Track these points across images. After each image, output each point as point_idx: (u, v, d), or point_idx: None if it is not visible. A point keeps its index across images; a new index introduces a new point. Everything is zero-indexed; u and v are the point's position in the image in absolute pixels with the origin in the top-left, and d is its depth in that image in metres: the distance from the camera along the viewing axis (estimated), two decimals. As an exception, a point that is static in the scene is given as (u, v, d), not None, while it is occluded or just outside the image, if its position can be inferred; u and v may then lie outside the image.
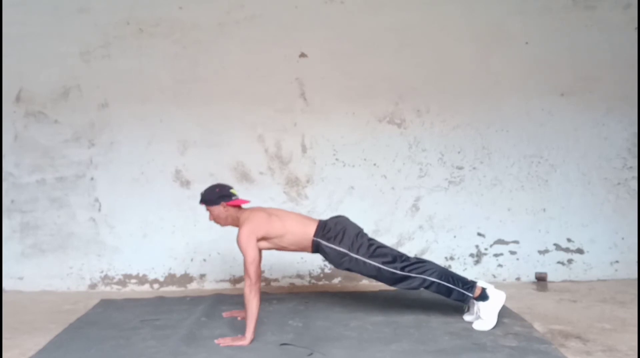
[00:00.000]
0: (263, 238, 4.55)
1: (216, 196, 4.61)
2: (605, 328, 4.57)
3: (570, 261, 6.11)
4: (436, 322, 4.61)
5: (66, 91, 6.03)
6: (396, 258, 4.60)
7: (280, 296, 5.58)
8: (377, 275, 4.62)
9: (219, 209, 4.61)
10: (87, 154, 6.06)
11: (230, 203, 4.59)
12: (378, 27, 6.07)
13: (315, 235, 4.60)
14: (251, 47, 6.04)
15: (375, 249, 4.61)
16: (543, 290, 5.82)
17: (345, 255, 4.55)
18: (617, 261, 6.10)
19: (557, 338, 4.33)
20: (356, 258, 4.55)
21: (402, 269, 4.55)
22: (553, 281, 6.05)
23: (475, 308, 4.59)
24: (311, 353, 4.03)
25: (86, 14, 6.00)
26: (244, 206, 4.70)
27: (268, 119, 6.08)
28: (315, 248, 4.63)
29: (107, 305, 5.41)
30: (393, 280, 4.59)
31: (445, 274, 4.60)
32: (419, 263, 4.61)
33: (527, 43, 6.06)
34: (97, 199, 6.08)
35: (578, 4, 6.03)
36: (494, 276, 6.13)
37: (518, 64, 6.07)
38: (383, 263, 4.55)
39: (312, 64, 6.07)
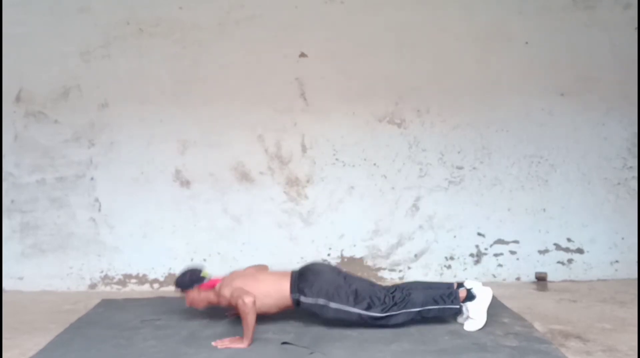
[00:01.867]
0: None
1: (188, 282, 4.66)
2: (605, 328, 4.57)
3: (570, 261, 6.12)
4: (436, 322, 4.59)
5: (66, 91, 6.02)
6: (375, 299, 4.51)
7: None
8: (360, 322, 4.51)
9: (194, 293, 4.64)
10: (87, 154, 6.06)
11: (203, 286, 4.64)
12: (378, 27, 6.07)
13: (291, 290, 4.54)
14: (251, 47, 6.03)
15: (354, 294, 4.52)
16: (543, 289, 5.83)
17: (324, 306, 4.49)
18: (617, 261, 6.11)
19: (557, 338, 4.33)
20: (336, 308, 4.48)
21: (382, 310, 4.47)
22: (553, 281, 6.06)
23: (464, 309, 4.56)
24: (312, 353, 4.03)
25: (86, 14, 6.00)
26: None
27: (268, 119, 6.08)
28: (296, 303, 4.57)
29: (107, 305, 5.40)
30: (376, 323, 4.50)
31: (428, 296, 4.53)
32: (400, 297, 4.53)
33: (527, 43, 6.07)
34: (97, 199, 6.08)
35: (578, 4, 6.04)
36: (494, 276, 6.13)
37: (518, 64, 6.08)
38: (364, 309, 4.47)
39: (312, 64, 6.07)
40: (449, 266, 6.15)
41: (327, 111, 6.09)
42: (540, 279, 6.07)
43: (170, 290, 5.95)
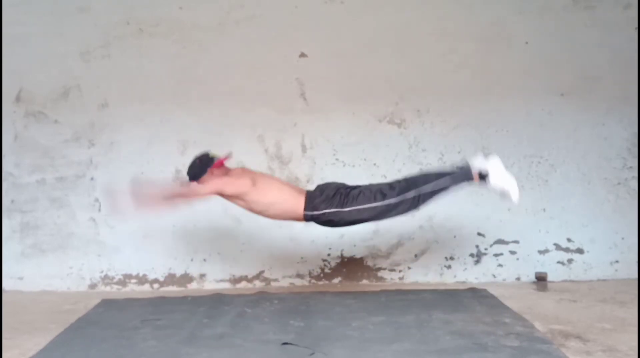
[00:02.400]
0: (236, 197, 4.56)
1: (199, 168, 4.60)
2: (605, 328, 4.57)
3: (570, 261, 6.12)
4: (437, 322, 4.60)
5: (66, 91, 6.03)
6: (385, 190, 4.50)
7: (282, 295, 5.57)
8: (378, 215, 4.52)
9: (207, 178, 4.58)
10: (87, 154, 6.06)
11: (215, 165, 4.59)
12: (378, 27, 6.08)
13: (305, 208, 4.53)
14: (251, 47, 6.04)
15: (362, 193, 4.51)
16: (543, 289, 5.83)
17: (339, 212, 4.48)
18: (617, 261, 6.12)
19: (557, 338, 4.32)
20: (349, 211, 4.49)
21: (397, 195, 4.45)
22: (553, 281, 6.06)
23: (492, 189, 4.51)
24: (313, 353, 4.02)
25: (86, 14, 6.01)
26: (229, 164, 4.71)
27: (268, 119, 6.08)
28: (309, 219, 4.57)
29: (108, 304, 5.39)
30: (392, 211, 4.49)
31: (438, 173, 4.56)
32: (410, 179, 4.55)
33: (527, 43, 6.07)
34: (97, 199, 6.08)
35: (578, 4, 6.04)
36: (494, 276, 6.14)
37: (518, 64, 6.08)
38: (376, 200, 4.47)
39: (312, 64, 6.08)
40: (449, 266, 6.16)
41: (327, 111, 6.10)
42: (540, 279, 6.08)
43: (171, 290, 6.01)
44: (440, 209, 6.12)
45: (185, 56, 6.06)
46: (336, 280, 6.17)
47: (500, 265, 6.15)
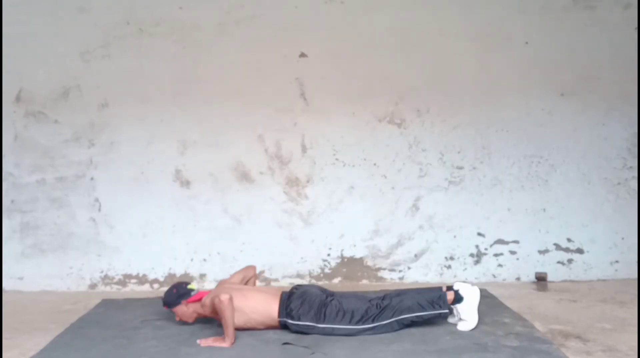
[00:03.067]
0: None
1: (175, 297, 4.63)
2: (605, 328, 4.57)
3: (570, 261, 6.12)
4: (437, 322, 4.59)
5: (66, 91, 6.03)
6: (362, 312, 4.45)
7: (282, 296, 5.56)
8: (353, 334, 4.43)
9: (182, 308, 4.63)
10: (87, 154, 6.06)
11: (190, 299, 4.62)
12: (378, 27, 6.07)
13: (279, 315, 4.50)
14: (251, 47, 6.03)
15: (342, 311, 4.46)
16: (543, 290, 5.83)
17: (313, 327, 4.44)
18: (617, 261, 6.11)
19: (557, 338, 4.33)
20: (323, 328, 4.43)
21: (372, 321, 4.42)
22: (553, 281, 6.06)
23: (455, 311, 4.53)
24: (313, 353, 4.03)
25: (86, 14, 6.00)
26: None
27: (268, 119, 6.08)
28: (283, 326, 4.52)
29: (108, 304, 5.40)
30: (367, 334, 4.43)
31: (416, 303, 4.48)
32: (389, 305, 4.48)
33: (527, 43, 6.07)
34: (97, 199, 6.08)
35: (578, 4, 6.04)
36: (494, 276, 6.14)
37: (518, 64, 6.08)
38: (353, 324, 4.42)
39: (312, 64, 6.07)
40: (449, 266, 6.16)
41: (327, 111, 6.09)
42: (540, 279, 6.08)
43: (171, 290, 5.98)
44: (440, 210, 6.14)
45: (185, 56, 6.05)
46: (336, 280, 6.17)
47: (500, 265, 6.15)
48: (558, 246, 6.12)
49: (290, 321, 4.47)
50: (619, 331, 4.50)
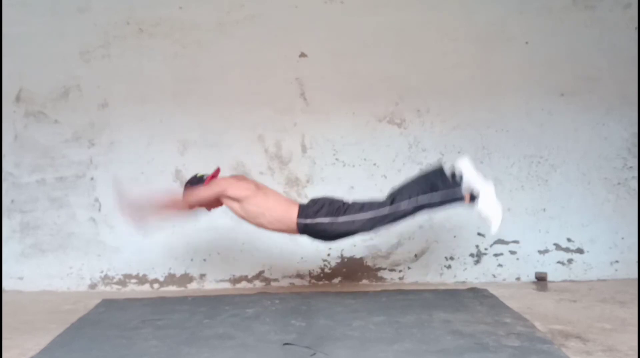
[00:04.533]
0: (236, 200, 4.60)
1: (196, 180, 4.71)
2: (605, 328, 4.57)
3: (570, 261, 6.12)
4: (438, 322, 4.60)
5: (66, 91, 6.03)
6: (378, 200, 4.57)
7: (283, 296, 5.56)
8: (371, 225, 4.55)
9: (204, 189, 4.65)
10: (87, 154, 6.06)
11: (206, 183, 4.66)
12: (378, 27, 6.07)
13: (299, 216, 4.56)
14: (251, 47, 6.03)
15: (357, 204, 4.57)
16: (543, 289, 5.83)
17: (332, 222, 4.50)
18: (617, 261, 6.12)
19: (557, 338, 4.32)
20: (343, 221, 4.49)
21: (390, 205, 4.49)
22: (553, 281, 6.06)
23: (477, 210, 4.55)
24: (314, 353, 4.02)
25: (86, 14, 6.00)
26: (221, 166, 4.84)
27: (268, 119, 6.08)
28: (302, 229, 4.59)
29: (108, 304, 5.39)
30: (385, 221, 4.53)
31: (427, 184, 4.53)
32: (403, 190, 4.57)
33: (527, 43, 6.07)
34: (97, 199, 6.08)
35: (578, 4, 6.04)
36: (494, 276, 6.14)
37: (518, 64, 6.08)
38: (370, 210, 4.50)
39: (312, 64, 6.08)
40: (449, 266, 6.16)
41: (327, 111, 6.09)
42: (540, 279, 6.08)
43: (171, 290, 6.01)
44: (440, 209, 6.15)
45: (185, 56, 6.05)
46: (336, 280, 6.17)
47: (500, 265, 6.15)
48: (558, 246, 6.13)
49: (309, 221, 4.53)
50: (619, 331, 4.50)
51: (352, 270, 6.16)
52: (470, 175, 4.52)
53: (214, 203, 4.73)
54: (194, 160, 6.05)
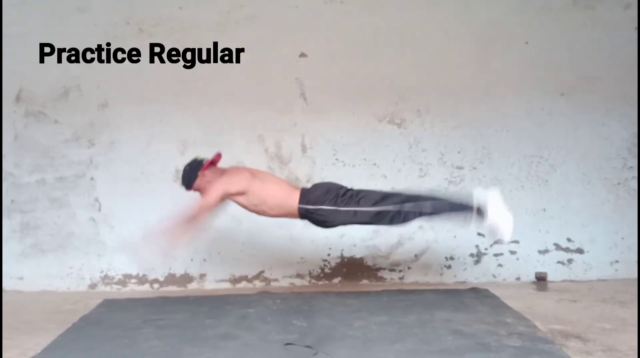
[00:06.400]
0: (240, 193, 4.61)
1: (191, 173, 4.67)
2: (605, 328, 4.57)
3: (570, 261, 6.13)
4: (440, 322, 4.59)
5: (66, 91, 6.02)
6: (384, 196, 4.56)
7: (284, 296, 5.55)
8: (372, 220, 4.56)
9: (200, 182, 4.64)
10: (87, 154, 6.06)
11: (204, 167, 4.64)
12: (378, 27, 6.08)
13: (300, 201, 4.57)
14: (251, 47, 6.02)
15: (361, 194, 4.57)
16: (543, 289, 5.84)
17: (335, 211, 4.50)
18: (617, 261, 6.13)
19: (557, 338, 4.32)
20: (345, 211, 4.50)
21: (395, 204, 4.49)
22: (553, 281, 6.07)
23: (487, 224, 4.51)
24: (316, 353, 4.02)
25: (86, 13, 6.00)
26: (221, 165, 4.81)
27: (268, 119, 6.08)
28: (303, 214, 4.60)
29: (110, 305, 5.38)
30: (385, 220, 4.54)
31: (438, 206, 4.52)
32: (412, 194, 4.57)
33: (527, 43, 6.08)
34: (97, 199, 6.08)
35: (578, 4, 6.05)
36: (494, 276, 6.15)
37: (518, 64, 6.09)
38: (374, 206, 4.50)
39: (312, 64, 6.08)
40: (449, 266, 6.16)
41: (327, 111, 6.10)
42: (540, 279, 6.09)
43: (171, 290, 6.01)
44: (440, 209, 6.15)
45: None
46: (336, 280, 6.17)
47: (500, 265, 6.16)
48: (558, 246, 6.13)
49: (311, 206, 4.53)
50: (619, 331, 4.50)
51: (352, 270, 6.16)
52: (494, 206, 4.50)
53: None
54: (194, 160, 6.05)
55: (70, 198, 6.07)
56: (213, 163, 4.71)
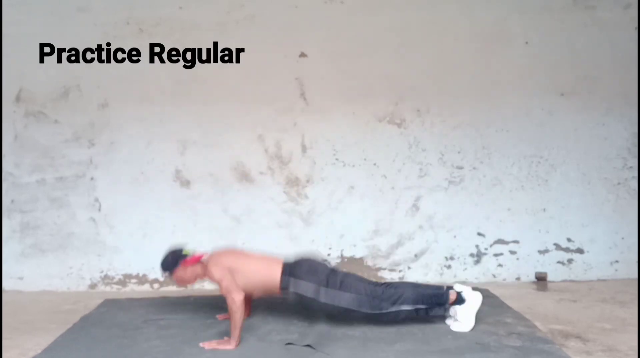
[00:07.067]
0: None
1: (172, 261, 4.59)
2: (605, 328, 4.58)
3: (570, 261, 6.13)
4: (439, 322, 4.59)
5: (66, 91, 6.02)
6: (364, 292, 4.49)
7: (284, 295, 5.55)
8: (349, 311, 4.51)
9: (180, 271, 4.58)
10: (87, 154, 6.05)
11: (187, 260, 4.57)
12: (378, 27, 6.07)
13: (283, 274, 4.51)
14: (251, 47, 6.02)
15: (344, 283, 4.50)
16: (543, 289, 5.84)
17: (317, 290, 4.44)
18: (617, 261, 6.13)
19: (557, 338, 4.34)
20: (326, 291, 4.45)
21: (372, 308, 4.46)
22: (553, 281, 6.07)
23: (452, 311, 4.52)
24: (316, 353, 4.03)
25: (86, 14, 5.98)
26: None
27: (268, 119, 6.08)
28: (284, 287, 4.51)
29: (110, 304, 5.39)
30: (365, 309, 4.49)
31: (419, 295, 4.51)
32: (392, 293, 4.51)
33: (527, 43, 6.07)
34: (97, 199, 6.07)
35: (578, 4, 6.05)
36: (494, 276, 6.15)
37: (518, 64, 6.08)
38: (353, 298, 4.47)
39: (312, 64, 6.07)
40: (449, 266, 6.16)
41: (327, 111, 6.09)
42: (540, 279, 6.08)
43: (171, 290, 5.99)
44: (440, 209, 6.14)
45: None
46: (336, 280, 6.16)
47: (500, 265, 6.16)
48: (558, 246, 6.13)
49: (292, 280, 4.48)
50: (619, 331, 4.51)
51: (352, 269, 6.08)
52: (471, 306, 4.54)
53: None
54: (194, 160, 6.05)
55: (70, 198, 6.07)
56: (196, 260, 4.61)
